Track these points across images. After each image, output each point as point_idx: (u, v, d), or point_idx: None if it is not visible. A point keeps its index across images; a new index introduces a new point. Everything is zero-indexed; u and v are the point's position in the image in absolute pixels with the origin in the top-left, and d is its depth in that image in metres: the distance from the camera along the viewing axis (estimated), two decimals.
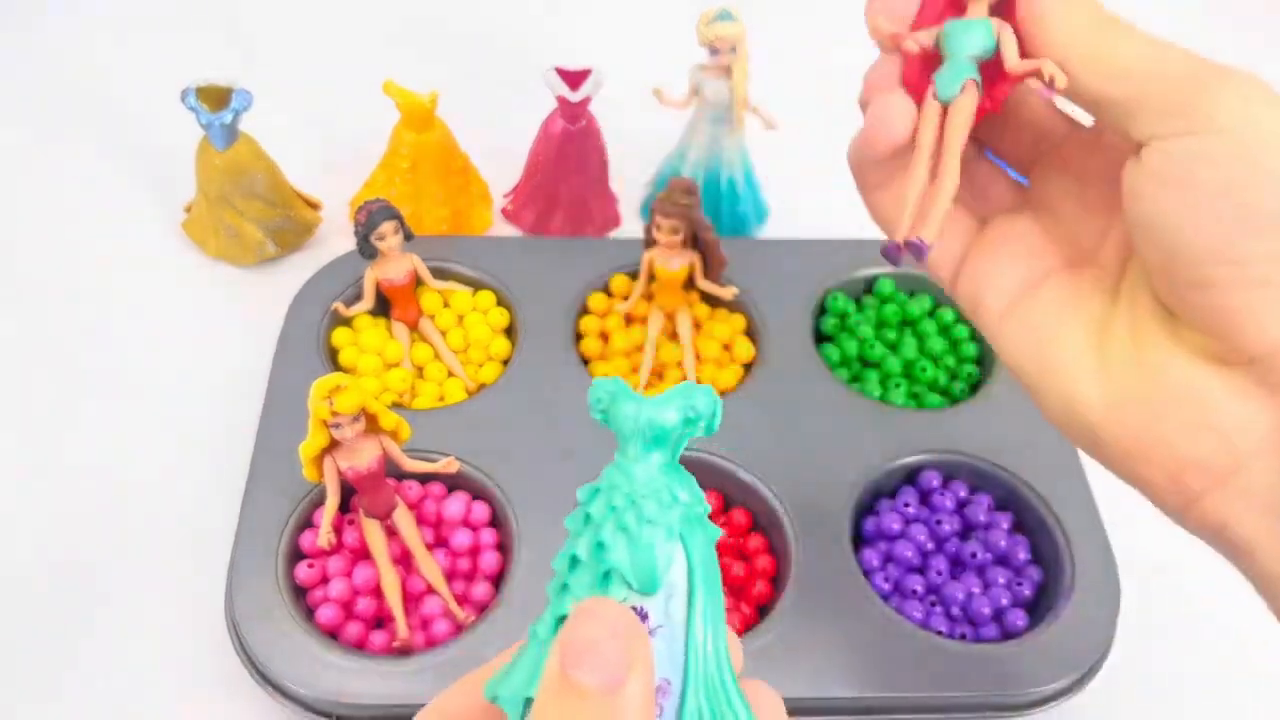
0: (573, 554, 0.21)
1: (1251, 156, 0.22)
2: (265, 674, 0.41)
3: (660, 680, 0.20)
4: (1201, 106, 0.23)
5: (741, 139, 0.60)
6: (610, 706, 0.18)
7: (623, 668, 0.18)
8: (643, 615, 0.20)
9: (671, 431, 0.20)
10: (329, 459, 0.43)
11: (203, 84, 0.54)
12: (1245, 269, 0.23)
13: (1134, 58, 0.24)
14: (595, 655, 0.18)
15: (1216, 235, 0.23)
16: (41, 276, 0.59)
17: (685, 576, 0.20)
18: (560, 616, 0.20)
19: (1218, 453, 0.24)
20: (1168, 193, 0.23)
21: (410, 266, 0.53)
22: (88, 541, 0.48)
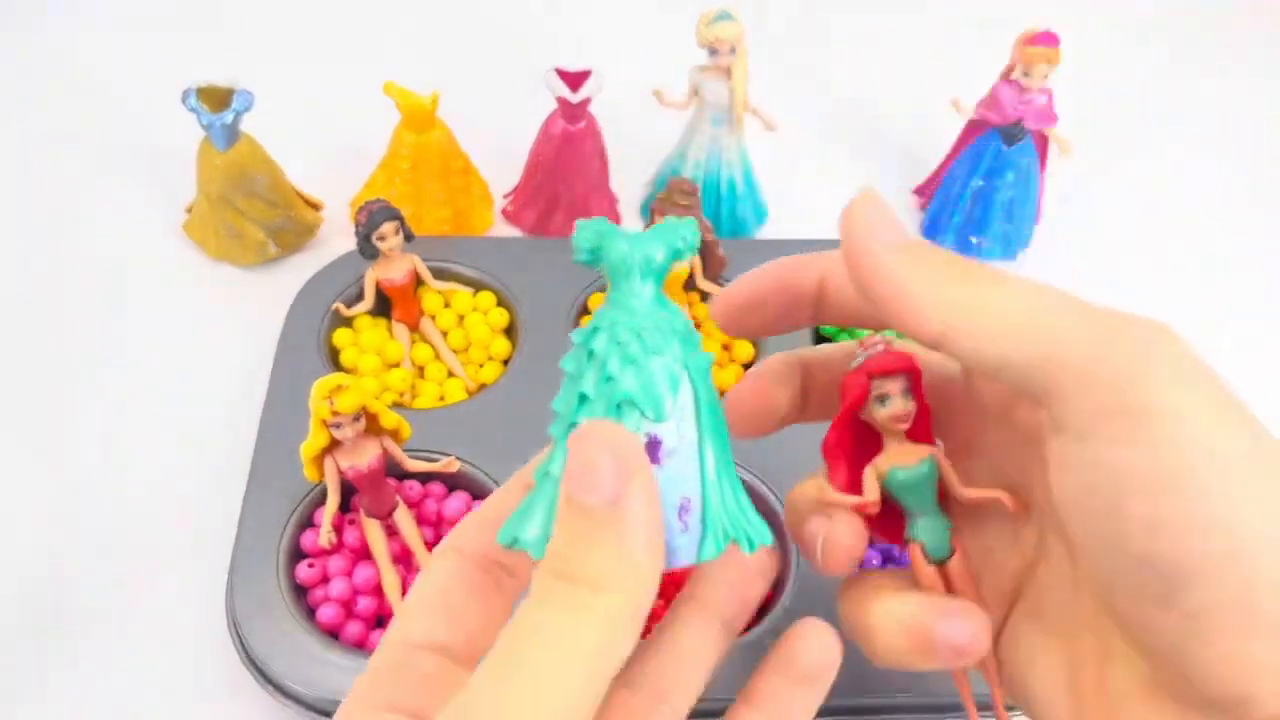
0: (580, 392, 0.21)
1: (1196, 492, 0.18)
2: (266, 673, 0.41)
3: (681, 499, 0.20)
4: (1125, 401, 0.18)
5: (741, 140, 0.61)
6: (615, 520, 0.18)
7: (621, 481, 0.18)
8: (657, 441, 0.20)
9: (663, 263, 0.21)
10: (329, 459, 0.43)
11: (203, 85, 0.54)
12: (1187, 621, 0.18)
13: (1023, 312, 0.19)
14: (593, 475, 0.18)
15: (1149, 580, 0.18)
16: (42, 277, 0.59)
17: (692, 399, 0.21)
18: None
19: None
20: (1090, 519, 0.19)
21: (411, 267, 0.53)
22: (88, 541, 0.48)
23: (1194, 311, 0.62)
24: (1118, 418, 0.18)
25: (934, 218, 0.64)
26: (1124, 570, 0.19)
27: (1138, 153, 0.72)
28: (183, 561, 0.47)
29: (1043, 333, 0.19)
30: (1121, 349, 0.18)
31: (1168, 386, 0.18)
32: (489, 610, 0.22)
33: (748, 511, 0.22)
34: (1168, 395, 0.18)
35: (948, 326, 0.20)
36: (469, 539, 0.23)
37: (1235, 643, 0.18)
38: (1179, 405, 0.18)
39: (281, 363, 0.51)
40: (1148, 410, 0.18)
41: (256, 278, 0.60)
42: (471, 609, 0.22)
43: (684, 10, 0.59)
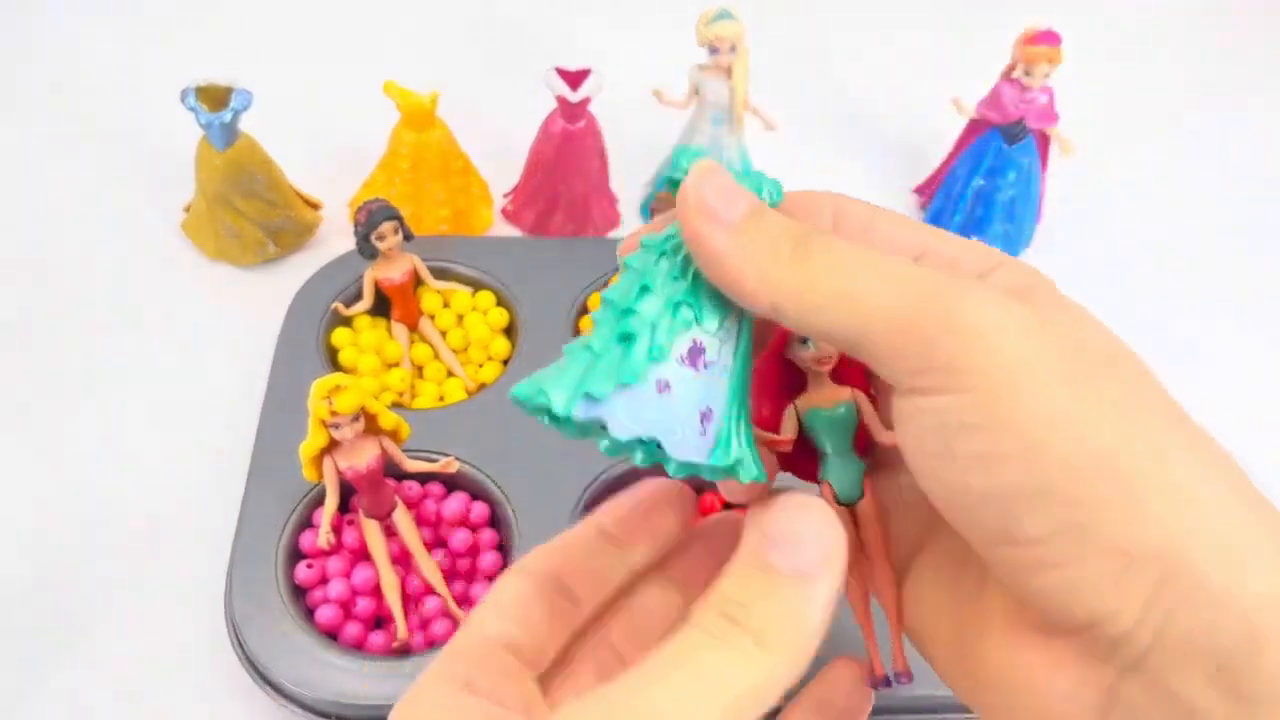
0: (643, 284, 0.21)
1: (1004, 417, 0.18)
2: (264, 674, 0.41)
3: (707, 407, 0.21)
4: (937, 354, 0.19)
5: (741, 139, 0.60)
6: (802, 591, 0.19)
7: (821, 561, 0.19)
8: (701, 348, 0.21)
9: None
10: (328, 459, 0.43)
11: (202, 84, 0.54)
12: (1029, 551, 0.19)
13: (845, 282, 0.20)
14: (795, 544, 0.19)
15: (990, 517, 0.19)
16: (42, 277, 0.59)
17: (738, 335, 0.22)
18: (624, 333, 0.21)
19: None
20: (929, 464, 0.20)
21: (410, 266, 0.53)
22: (87, 540, 0.48)
23: (1196, 309, 0.62)
24: (930, 373, 0.19)
25: (935, 217, 0.64)
26: (968, 511, 0.20)
27: (1139, 152, 0.72)
28: (182, 562, 0.47)
29: (858, 306, 0.20)
30: (928, 311, 0.19)
31: (977, 334, 0.19)
32: (553, 628, 0.24)
33: (752, 449, 0.22)
34: (982, 341, 0.19)
35: (775, 304, 0.21)
36: (539, 563, 0.24)
37: (1072, 568, 0.18)
38: (989, 349, 0.19)
39: (281, 362, 0.51)
40: (959, 358, 0.19)
41: (255, 277, 0.60)
42: (541, 622, 0.23)
43: (684, 9, 0.59)
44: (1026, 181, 0.61)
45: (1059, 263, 0.64)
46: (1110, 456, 0.18)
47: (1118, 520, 0.18)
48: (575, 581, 0.24)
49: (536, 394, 0.20)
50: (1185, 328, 0.60)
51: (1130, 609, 0.18)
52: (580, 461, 0.48)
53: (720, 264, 0.21)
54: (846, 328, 0.20)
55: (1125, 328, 0.22)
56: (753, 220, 0.21)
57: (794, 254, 0.20)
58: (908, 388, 0.20)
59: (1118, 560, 0.18)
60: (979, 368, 0.19)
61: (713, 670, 0.18)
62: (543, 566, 0.24)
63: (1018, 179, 0.60)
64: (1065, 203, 0.67)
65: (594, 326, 0.22)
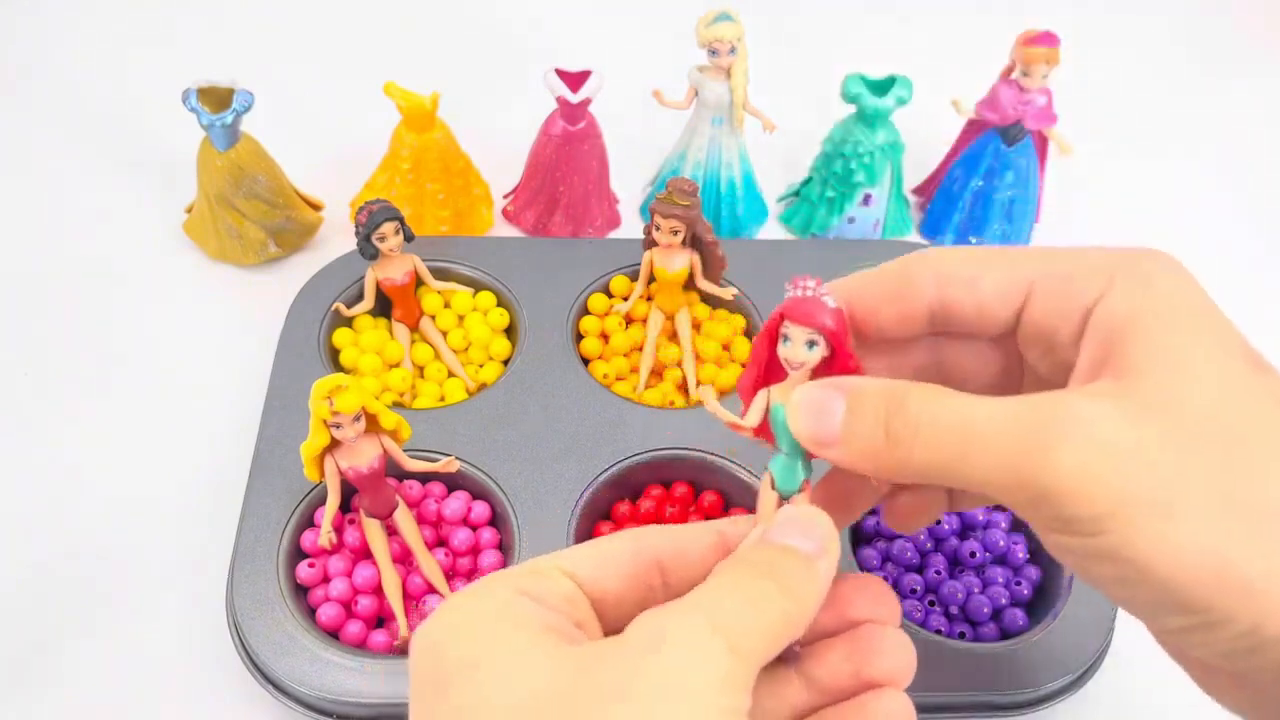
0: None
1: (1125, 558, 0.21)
2: (266, 673, 0.41)
3: None
4: (1051, 512, 0.22)
5: (741, 140, 0.61)
6: (807, 566, 0.24)
7: (819, 550, 0.24)
8: None
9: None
10: (330, 459, 0.43)
11: (204, 85, 0.54)
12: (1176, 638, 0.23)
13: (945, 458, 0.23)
14: (803, 532, 0.24)
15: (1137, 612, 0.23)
16: (43, 277, 0.59)
17: None
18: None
19: None
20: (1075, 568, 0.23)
21: (411, 267, 0.53)
22: (89, 540, 0.48)
23: None
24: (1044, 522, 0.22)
25: (934, 217, 0.64)
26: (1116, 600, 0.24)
27: (1139, 152, 0.72)
28: (183, 561, 0.48)
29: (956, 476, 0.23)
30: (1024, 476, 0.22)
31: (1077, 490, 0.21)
32: (626, 592, 0.25)
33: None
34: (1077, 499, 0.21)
35: (895, 480, 0.25)
36: (654, 536, 0.26)
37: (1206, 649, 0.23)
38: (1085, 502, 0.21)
39: (282, 363, 0.51)
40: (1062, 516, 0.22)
41: (257, 278, 0.60)
42: (615, 579, 0.25)
43: (684, 10, 0.59)
44: (1025, 182, 0.61)
45: None
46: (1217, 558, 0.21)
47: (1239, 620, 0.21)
48: (676, 568, 0.26)
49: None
50: None
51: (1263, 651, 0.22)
52: (580, 461, 0.48)
53: (835, 462, 0.25)
54: (965, 487, 0.23)
55: None
56: (848, 419, 0.24)
57: (888, 440, 0.23)
58: (1045, 530, 0.23)
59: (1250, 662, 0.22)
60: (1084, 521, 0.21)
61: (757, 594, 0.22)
62: (655, 540, 0.26)
63: (1016, 180, 0.61)
64: (1064, 203, 0.67)
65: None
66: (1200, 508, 0.21)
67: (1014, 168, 0.60)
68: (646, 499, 0.48)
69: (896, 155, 0.60)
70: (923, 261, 0.26)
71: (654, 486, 0.49)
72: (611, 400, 0.51)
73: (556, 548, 0.45)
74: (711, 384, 0.27)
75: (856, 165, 0.60)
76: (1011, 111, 0.58)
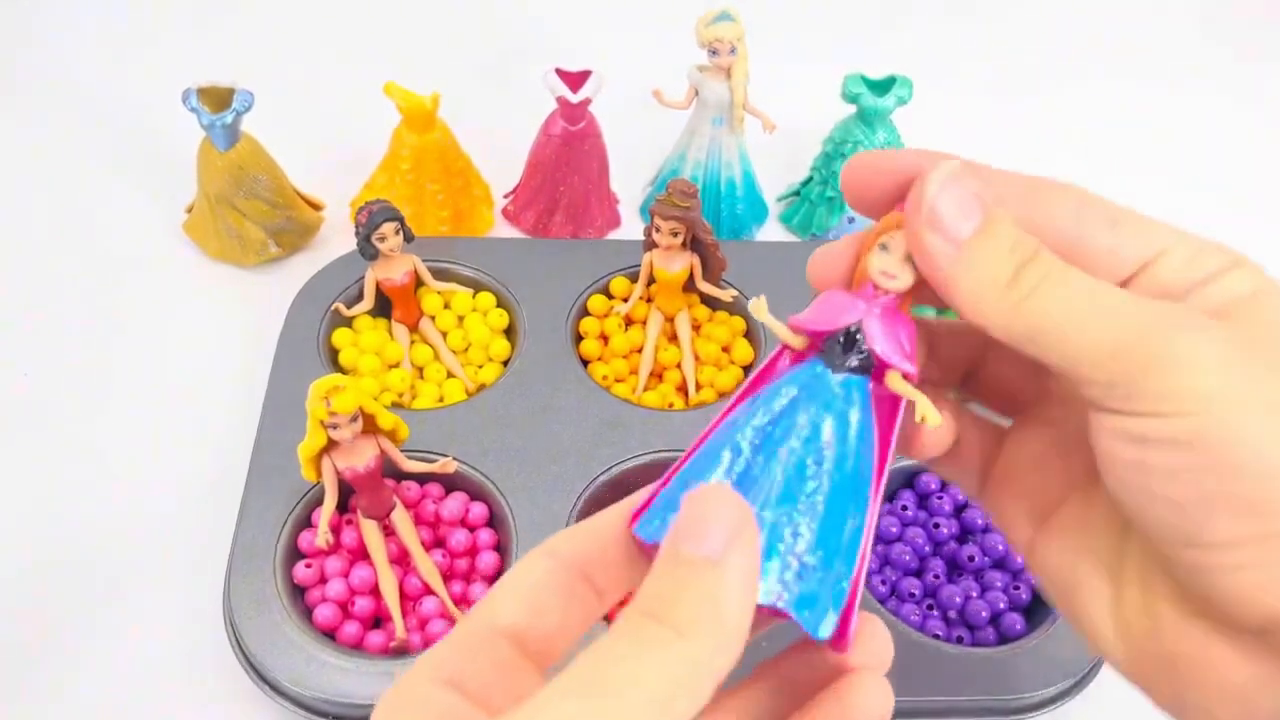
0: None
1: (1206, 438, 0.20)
2: (262, 673, 0.41)
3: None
4: (1146, 385, 0.21)
5: (741, 140, 0.61)
6: (713, 574, 0.19)
7: (728, 541, 0.19)
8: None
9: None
10: (327, 459, 0.43)
11: (204, 85, 0.54)
12: (1217, 554, 0.21)
13: (1060, 317, 0.21)
14: (702, 530, 0.20)
15: (1180, 520, 0.21)
16: (43, 277, 0.59)
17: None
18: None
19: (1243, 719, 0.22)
20: (1123, 470, 0.22)
21: (411, 267, 0.53)
22: (87, 540, 0.48)
23: None
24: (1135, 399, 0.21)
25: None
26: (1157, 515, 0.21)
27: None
28: (181, 560, 0.48)
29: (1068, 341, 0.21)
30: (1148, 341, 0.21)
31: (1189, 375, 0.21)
32: (568, 619, 0.23)
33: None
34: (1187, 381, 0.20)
35: (986, 323, 0.22)
36: (568, 546, 0.23)
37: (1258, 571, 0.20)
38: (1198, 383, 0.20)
39: (281, 363, 0.51)
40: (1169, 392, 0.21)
41: (257, 278, 0.60)
42: (554, 611, 0.23)
43: (684, 10, 0.59)
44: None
45: None
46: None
47: None
48: (601, 571, 0.23)
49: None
50: None
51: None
52: (579, 462, 0.48)
53: (938, 275, 0.22)
54: (1054, 355, 0.22)
55: None
56: (981, 238, 0.22)
57: (1013, 281, 0.22)
58: (1111, 408, 0.21)
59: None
60: (1181, 396, 0.20)
61: (639, 670, 0.18)
62: (570, 550, 0.23)
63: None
64: None
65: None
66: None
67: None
68: None
69: None
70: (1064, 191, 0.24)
71: None
72: (611, 402, 0.51)
73: None
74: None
75: None
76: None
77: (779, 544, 0.21)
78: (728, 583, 0.19)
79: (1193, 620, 0.22)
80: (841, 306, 0.23)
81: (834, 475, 0.22)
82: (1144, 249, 0.23)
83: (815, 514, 0.22)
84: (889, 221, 0.23)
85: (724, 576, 0.19)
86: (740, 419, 0.22)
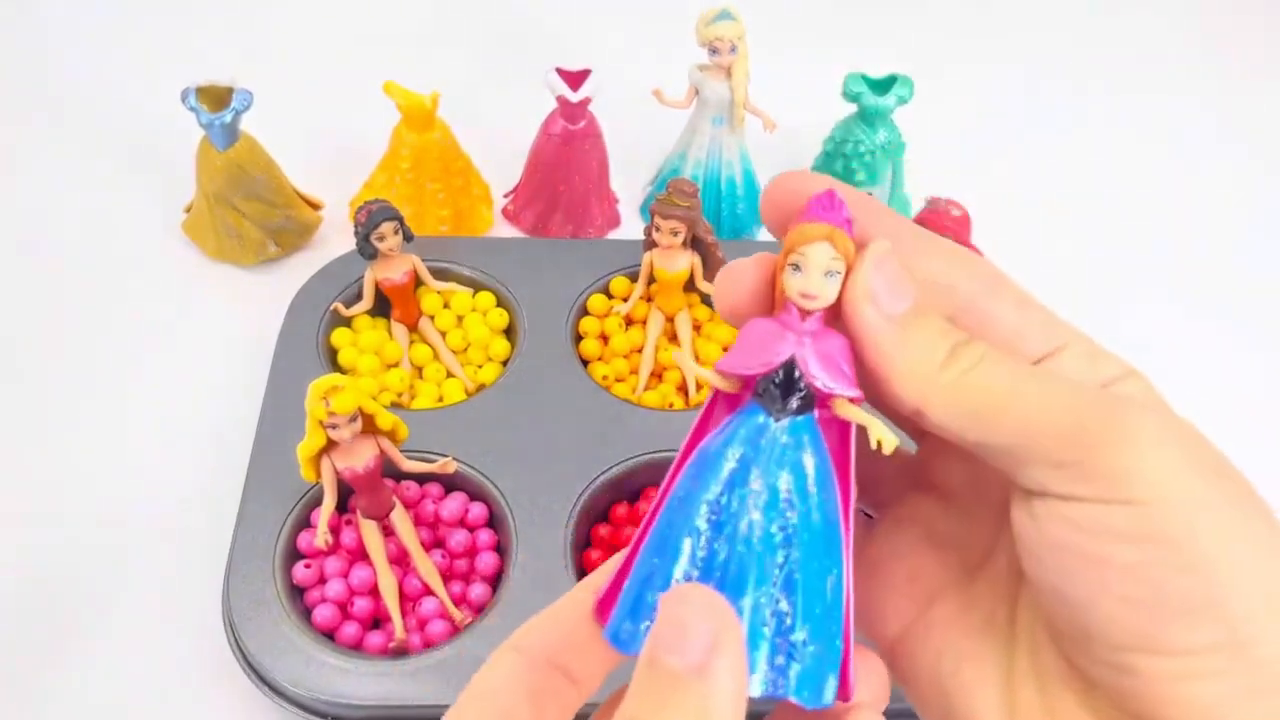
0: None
1: (1171, 535, 0.19)
2: (261, 674, 0.41)
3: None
4: (1103, 467, 0.19)
5: (742, 139, 0.60)
6: (699, 688, 0.18)
7: (712, 649, 0.18)
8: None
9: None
10: (326, 459, 0.43)
11: (203, 84, 0.54)
12: (1174, 661, 0.19)
13: (1005, 394, 0.20)
14: (683, 637, 0.18)
15: (1136, 623, 0.19)
16: (41, 276, 0.59)
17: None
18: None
19: None
20: (1072, 565, 0.20)
21: (410, 267, 0.53)
22: (85, 540, 0.48)
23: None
24: (1090, 482, 0.19)
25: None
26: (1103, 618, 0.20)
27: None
28: (180, 560, 0.47)
29: (1012, 416, 0.20)
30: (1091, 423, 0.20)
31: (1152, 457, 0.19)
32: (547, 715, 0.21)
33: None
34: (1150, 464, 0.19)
35: (922, 405, 0.21)
36: (533, 639, 0.22)
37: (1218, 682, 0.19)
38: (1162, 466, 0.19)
39: (280, 362, 0.51)
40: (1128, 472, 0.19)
41: (256, 278, 0.60)
42: (533, 710, 0.21)
43: (685, 9, 0.59)
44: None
45: None
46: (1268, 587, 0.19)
47: (1270, 644, 0.19)
48: (573, 658, 0.22)
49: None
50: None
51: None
52: (578, 462, 0.48)
53: (875, 353, 0.21)
54: (997, 435, 0.20)
55: None
56: (916, 317, 0.21)
57: (950, 360, 0.21)
58: (1059, 494, 0.20)
59: (1263, 680, 0.19)
60: (1148, 481, 0.19)
61: None
62: (536, 643, 0.22)
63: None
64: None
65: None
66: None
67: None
68: (645, 501, 0.48)
69: (898, 154, 0.60)
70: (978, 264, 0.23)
71: (652, 489, 0.49)
72: (611, 402, 0.50)
73: (554, 549, 0.45)
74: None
75: (857, 164, 0.59)
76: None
77: (763, 628, 0.20)
78: (716, 692, 0.18)
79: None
80: (769, 339, 0.21)
81: (803, 536, 0.20)
82: (1049, 338, 0.22)
83: (793, 585, 0.20)
84: (794, 238, 0.21)
85: (712, 687, 0.18)
86: (691, 493, 0.21)
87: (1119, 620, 0.19)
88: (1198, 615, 0.19)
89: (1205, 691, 0.19)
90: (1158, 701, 0.19)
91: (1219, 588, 0.19)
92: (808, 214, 0.21)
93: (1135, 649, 0.19)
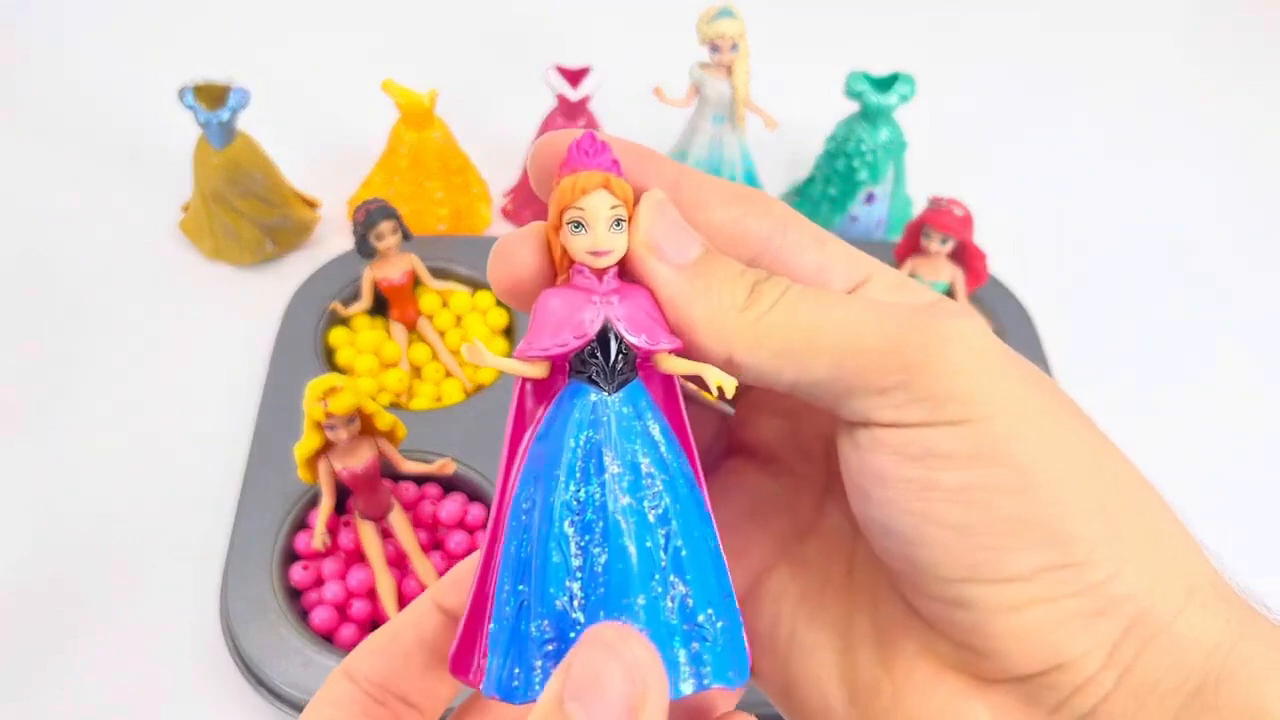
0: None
1: (1000, 453, 0.18)
2: (259, 676, 0.41)
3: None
4: (926, 388, 0.18)
5: (743, 138, 0.60)
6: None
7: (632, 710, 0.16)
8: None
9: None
10: (324, 460, 0.42)
11: (200, 82, 0.54)
12: (1007, 589, 0.18)
13: (812, 325, 0.19)
14: (599, 693, 0.16)
15: (967, 550, 0.18)
16: (39, 276, 0.59)
17: None
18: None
19: None
20: (901, 496, 0.19)
21: (408, 266, 0.52)
22: (82, 540, 0.48)
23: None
24: (914, 405, 0.18)
25: None
26: (933, 546, 0.19)
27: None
28: (176, 563, 0.47)
29: (822, 346, 0.19)
30: (911, 342, 0.19)
31: (968, 367, 0.18)
32: None
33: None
34: (969, 380, 0.18)
35: (731, 354, 0.19)
36: (365, 665, 0.20)
37: (1052, 607, 0.18)
38: (981, 383, 0.18)
39: (278, 362, 0.51)
40: (951, 393, 0.18)
41: (253, 277, 0.59)
42: None
43: (685, 7, 0.58)
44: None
45: None
46: (1100, 499, 0.18)
47: (1104, 563, 0.18)
48: (409, 685, 0.20)
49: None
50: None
51: (1099, 651, 0.18)
52: None
53: (676, 309, 0.19)
54: (814, 368, 0.19)
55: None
56: (709, 262, 0.20)
57: (751, 301, 0.19)
58: (884, 421, 0.19)
59: (1098, 602, 0.18)
60: (974, 399, 0.18)
61: None
62: (369, 670, 0.20)
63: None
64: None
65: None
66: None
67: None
68: None
69: (900, 153, 0.60)
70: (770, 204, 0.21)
71: None
72: None
73: None
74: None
75: (859, 163, 0.59)
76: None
77: (668, 619, 0.18)
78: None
79: (940, 676, 0.20)
80: (571, 310, 0.19)
81: (674, 509, 0.19)
82: (853, 272, 0.21)
83: (681, 564, 0.18)
84: (566, 193, 0.19)
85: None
86: (540, 499, 0.19)
87: (950, 549, 0.18)
88: (1029, 537, 0.18)
89: (1041, 618, 0.18)
90: (994, 635, 0.18)
91: (1050, 506, 0.18)
92: (571, 162, 0.19)
93: (967, 579, 0.18)
